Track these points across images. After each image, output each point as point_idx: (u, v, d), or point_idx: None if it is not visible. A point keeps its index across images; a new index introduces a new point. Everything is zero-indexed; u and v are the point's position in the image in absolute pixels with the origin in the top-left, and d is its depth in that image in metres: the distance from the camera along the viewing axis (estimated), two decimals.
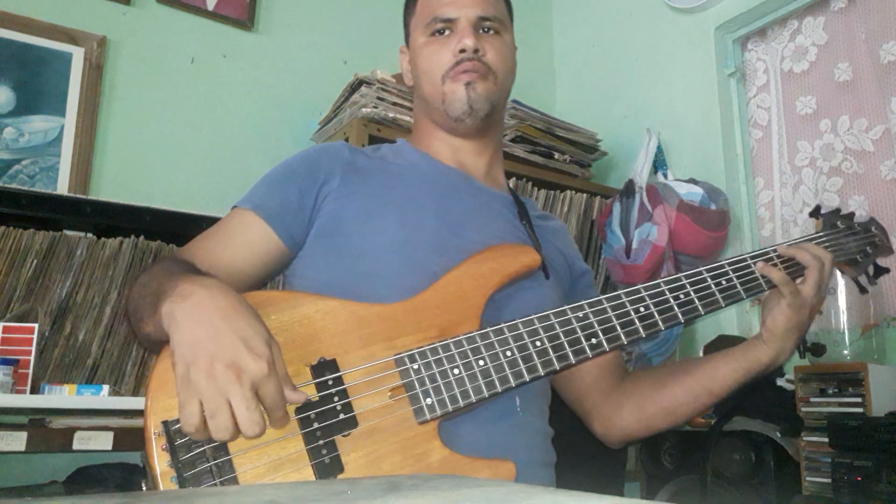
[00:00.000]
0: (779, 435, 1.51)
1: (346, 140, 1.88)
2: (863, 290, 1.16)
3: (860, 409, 1.40)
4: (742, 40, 2.22)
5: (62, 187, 1.82)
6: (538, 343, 0.88)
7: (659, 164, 2.16)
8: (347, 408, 0.81)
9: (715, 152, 2.14)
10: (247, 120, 2.12)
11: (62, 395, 1.39)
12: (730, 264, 1.00)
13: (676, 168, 2.19)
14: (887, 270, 1.16)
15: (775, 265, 1.00)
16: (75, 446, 1.35)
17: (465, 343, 0.87)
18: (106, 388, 1.40)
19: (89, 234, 1.65)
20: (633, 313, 0.93)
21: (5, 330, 1.41)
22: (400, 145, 1.16)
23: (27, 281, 1.54)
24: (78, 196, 1.76)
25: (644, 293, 0.94)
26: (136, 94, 1.98)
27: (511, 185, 1.96)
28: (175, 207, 1.76)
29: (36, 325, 1.43)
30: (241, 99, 2.13)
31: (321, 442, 0.78)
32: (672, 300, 0.95)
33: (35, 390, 1.41)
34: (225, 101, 2.10)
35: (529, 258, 0.97)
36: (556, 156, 2.13)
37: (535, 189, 2.05)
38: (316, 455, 0.78)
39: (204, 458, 0.75)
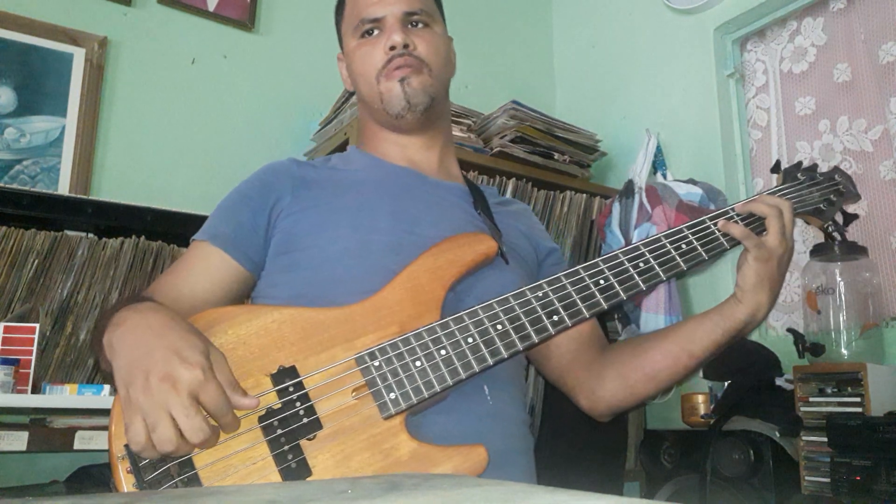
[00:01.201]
0: (778, 435, 1.51)
1: (347, 141, 1.88)
2: (832, 238, 1.15)
3: (859, 409, 1.40)
4: (741, 41, 2.22)
5: (63, 187, 1.82)
6: (499, 326, 0.88)
7: (658, 164, 2.16)
8: (310, 411, 0.81)
9: (714, 153, 2.14)
10: (247, 120, 2.13)
11: (63, 395, 1.39)
12: (688, 227, 1.00)
13: (675, 168, 2.20)
14: (856, 217, 1.15)
15: (735, 221, 1.00)
16: (76, 446, 1.35)
17: (425, 335, 0.87)
18: (107, 387, 1.40)
19: (90, 235, 1.66)
20: (592, 286, 0.92)
21: (6, 330, 1.41)
22: (349, 152, 1.17)
23: (28, 281, 1.54)
24: (79, 196, 1.76)
25: (603, 266, 0.94)
26: (137, 94, 1.98)
27: (511, 186, 1.98)
28: (176, 207, 1.77)
29: (37, 325, 1.43)
30: (241, 99, 2.13)
31: (286, 447, 0.78)
32: (632, 269, 0.95)
33: (36, 390, 1.41)
34: (226, 101, 2.11)
35: (485, 246, 0.97)
36: (556, 156, 2.14)
37: (535, 189, 2.05)
38: (282, 461, 0.78)
39: (169, 476, 0.75)
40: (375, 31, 1.09)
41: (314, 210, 1.03)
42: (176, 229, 1.72)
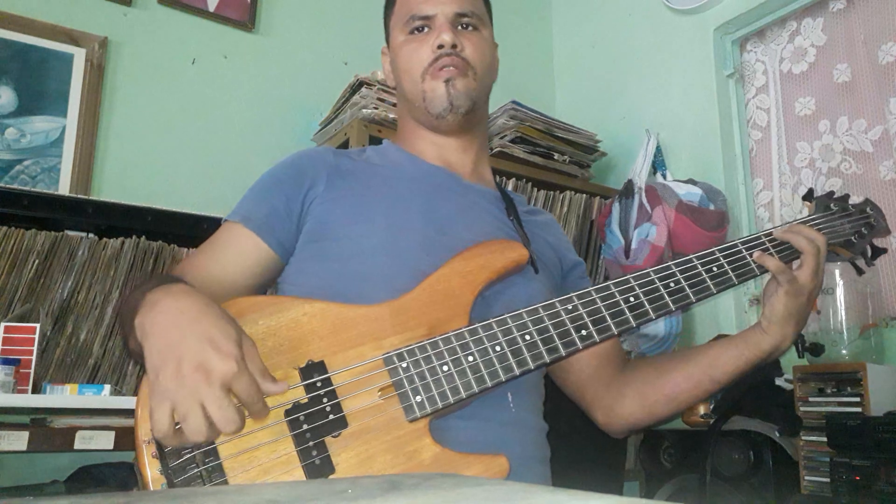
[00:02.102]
0: (777, 434, 1.51)
1: (347, 141, 1.88)
2: (860, 271, 1.14)
3: (859, 409, 1.40)
4: (741, 41, 2.22)
5: (63, 188, 1.82)
6: (527, 337, 0.88)
7: (658, 164, 2.16)
8: (337, 408, 0.81)
9: (714, 153, 2.14)
10: (248, 120, 2.13)
11: (64, 395, 1.39)
12: (720, 251, 0.99)
13: (675, 169, 2.20)
14: (884, 251, 1.14)
15: (770, 253, 0.99)
16: (77, 446, 1.36)
17: (453, 339, 0.86)
18: (107, 387, 1.40)
19: (91, 235, 1.66)
20: (622, 303, 0.92)
21: (7, 330, 1.41)
22: (385, 146, 1.17)
23: (29, 281, 1.54)
24: (79, 196, 1.76)
25: (634, 283, 0.94)
26: (137, 94, 1.98)
27: (511, 186, 1.99)
28: (176, 208, 1.77)
29: (37, 325, 1.44)
30: (241, 100, 2.13)
31: (311, 443, 0.78)
32: (662, 289, 0.94)
33: (36, 390, 1.41)
34: (226, 101, 2.11)
35: (517, 253, 0.97)
36: (556, 156, 2.14)
37: (535, 189, 2.06)
38: (306, 456, 0.78)
39: (194, 463, 0.75)
40: (425, 29, 1.08)
41: (348, 200, 1.03)
42: (176, 229, 1.72)
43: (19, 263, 1.54)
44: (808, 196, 1.15)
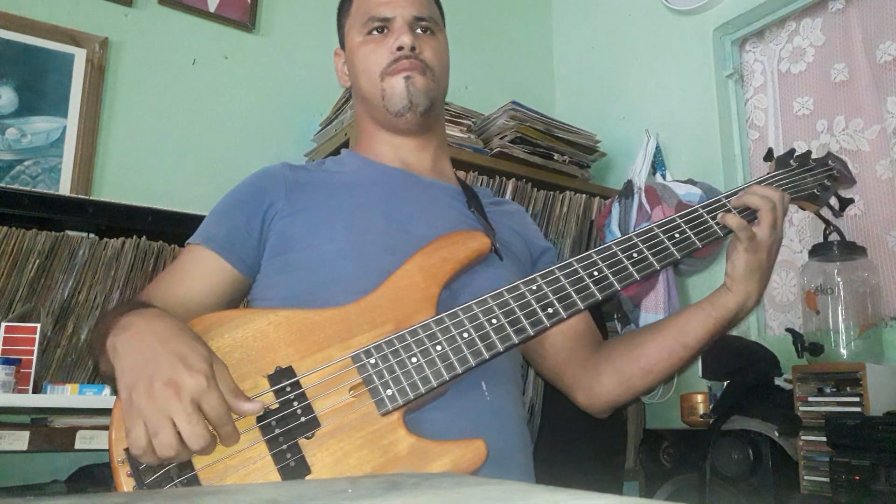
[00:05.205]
0: (777, 434, 1.52)
1: (348, 141, 1.89)
2: (828, 224, 1.15)
3: (858, 409, 1.40)
4: (740, 42, 2.22)
5: (64, 188, 1.82)
6: (494, 321, 0.88)
7: (657, 164, 2.17)
8: (308, 410, 0.81)
9: (713, 153, 2.14)
10: (248, 121, 2.13)
11: (64, 395, 1.39)
12: (680, 217, 1.00)
13: (675, 169, 2.20)
14: (851, 201, 1.15)
15: (733, 213, 0.99)
16: (77, 446, 1.36)
17: (420, 331, 0.87)
18: (108, 387, 1.40)
19: (91, 235, 1.66)
20: (587, 278, 0.93)
21: (8, 330, 1.41)
22: (343, 155, 1.18)
23: (29, 281, 1.55)
24: (80, 197, 1.76)
25: (596, 257, 0.94)
26: (137, 95, 1.98)
27: (511, 186, 1.99)
28: (177, 208, 1.77)
29: (38, 325, 1.44)
30: (242, 100, 2.14)
31: (285, 446, 0.79)
32: (625, 260, 0.95)
33: (37, 390, 1.42)
34: (226, 102, 2.11)
35: (478, 242, 0.98)
36: (556, 157, 2.14)
37: (535, 190, 2.06)
38: (280, 459, 0.78)
39: (169, 478, 0.75)
40: (383, 31, 1.10)
41: (309, 212, 1.04)
42: (177, 229, 1.72)
43: (20, 263, 1.55)
44: (769, 156, 1.15)
